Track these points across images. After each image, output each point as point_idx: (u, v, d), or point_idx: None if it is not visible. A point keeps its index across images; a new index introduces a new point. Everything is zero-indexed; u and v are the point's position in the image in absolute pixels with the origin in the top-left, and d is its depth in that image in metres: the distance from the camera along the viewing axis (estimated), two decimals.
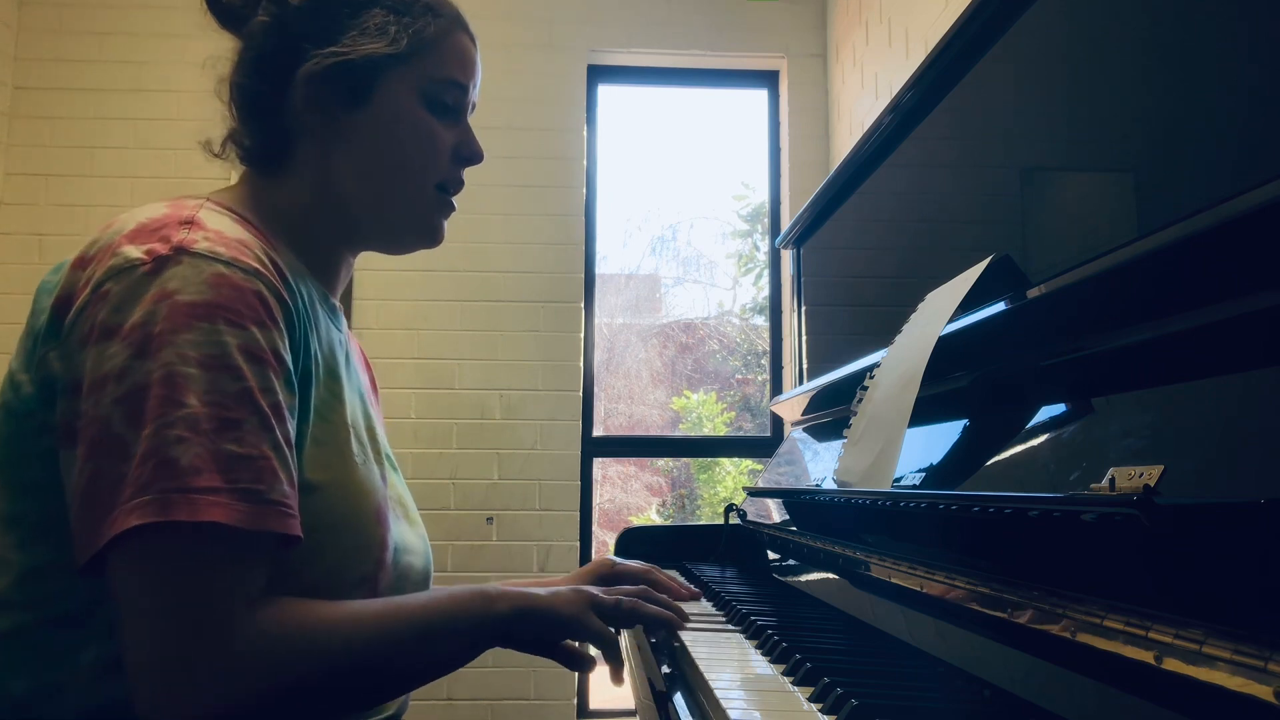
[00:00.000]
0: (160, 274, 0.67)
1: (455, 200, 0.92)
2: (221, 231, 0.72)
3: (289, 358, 0.72)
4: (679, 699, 0.73)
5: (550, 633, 0.83)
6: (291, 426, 0.71)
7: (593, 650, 0.88)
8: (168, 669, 0.61)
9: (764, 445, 3.26)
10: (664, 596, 0.93)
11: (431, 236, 0.91)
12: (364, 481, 0.79)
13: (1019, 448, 0.79)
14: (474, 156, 0.91)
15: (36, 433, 0.69)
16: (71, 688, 0.67)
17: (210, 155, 0.89)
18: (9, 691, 0.67)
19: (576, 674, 2.88)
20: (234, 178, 0.89)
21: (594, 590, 0.86)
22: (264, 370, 0.68)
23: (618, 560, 1.07)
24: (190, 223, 0.71)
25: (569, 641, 0.88)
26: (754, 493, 1.63)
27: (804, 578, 1.24)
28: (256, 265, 0.71)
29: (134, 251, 0.68)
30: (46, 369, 0.69)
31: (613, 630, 0.86)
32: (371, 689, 0.74)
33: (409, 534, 0.87)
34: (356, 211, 0.87)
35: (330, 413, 0.79)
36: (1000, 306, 0.86)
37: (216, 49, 0.87)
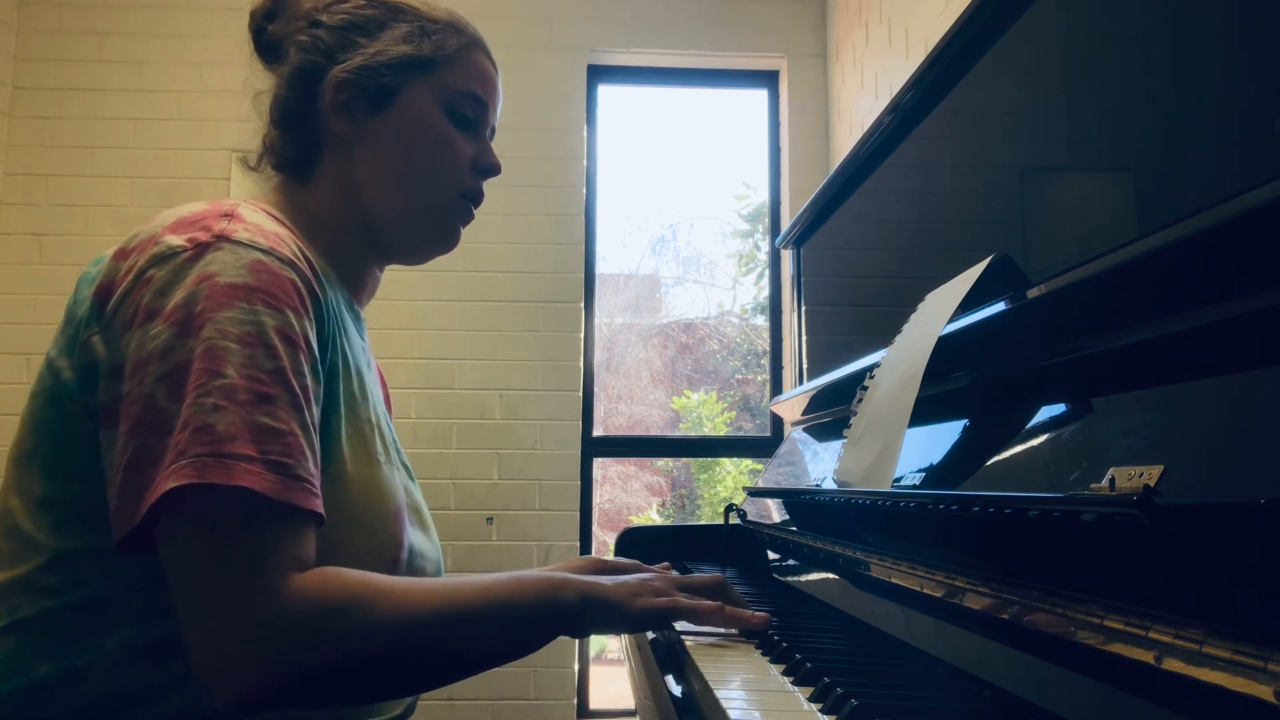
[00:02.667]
0: (201, 258, 0.70)
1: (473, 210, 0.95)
2: (260, 224, 0.75)
3: (318, 347, 0.75)
4: (679, 699, 0.73)
5: (615, 627, 0.83)
6: (316, 412, 0.73)
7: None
8: (218, 636, 0.62)
9: (764, 445, 3.26)
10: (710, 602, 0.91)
11: (447, 241, 0.95)
12: (387, 480, 0.80)
13: (1019, 448, 0.79)
14: (491, 168, 0.94)
15: (78, 417, 0.71)
16: (96, 672, 0.68)
17: (247, 169, 0.93)
18: (34, 674, 0.68)
19: (577, 674, 2.88)
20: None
21: (659, 585, 0.85)
22: (296, 353, 0.71)
23: (608, 559, 1.06)
24: (230, 215, 0.75)
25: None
26: (754, 493, 1.63)
27: (804, 578, 1.24)
28: (292, 256, 0.75)
29: (176, 240, 0.72)
30: (88, 354, 0.71)
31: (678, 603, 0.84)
32: (428, 668, 0.73)
33: (423, 539, 0.87)
34: (378, 216, 0.90)
35: (358, 408, 0.81)
36: (1000, 306, 0.86)
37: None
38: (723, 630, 0.91)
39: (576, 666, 2.89)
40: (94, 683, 0.68)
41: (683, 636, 0.90)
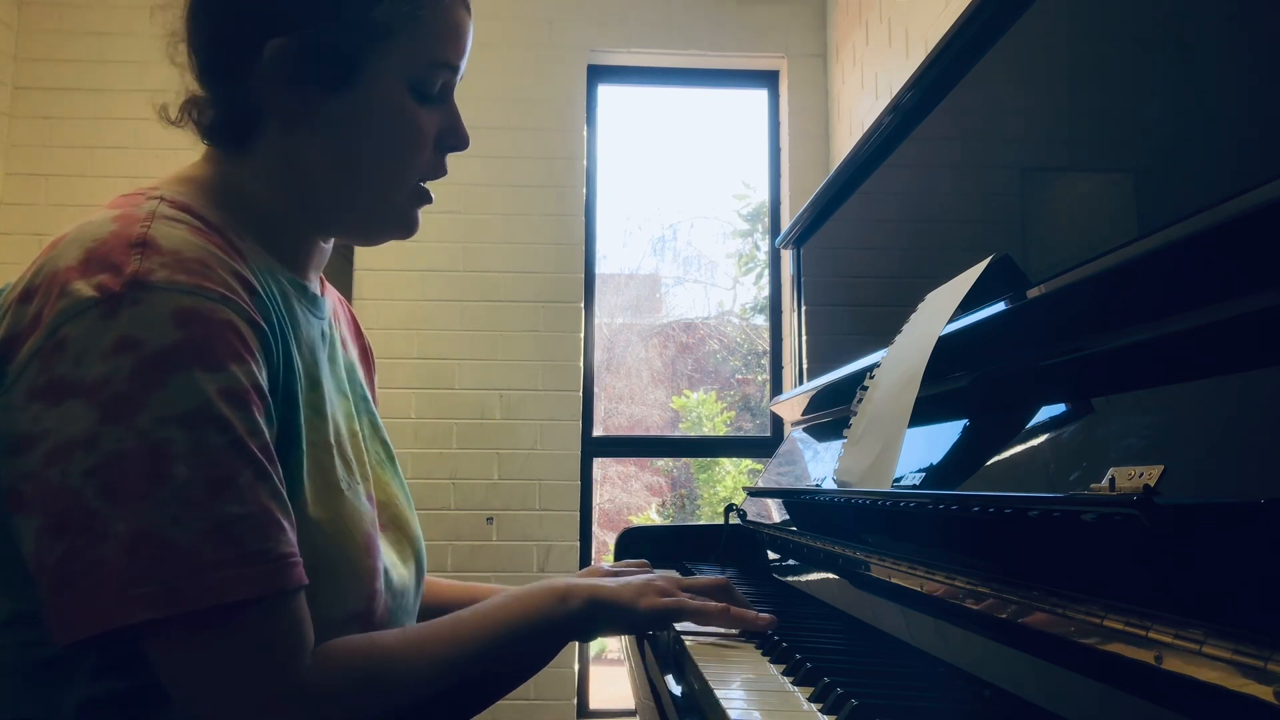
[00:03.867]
0: (117, 315, 0.60)
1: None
2: (178, 251, 0.64)
3: (269, 379, 0.68)
4: (679, 698, 0.73)
5: (621, 628, 0.83)
6: (278, 466, 0.67)
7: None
8: None
9: (764, 445, 3.26)
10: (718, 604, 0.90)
11: (405, 228, 0.83)
12: (352, 512, 0.74)
13: (1019, 448, 0.79)
14: (459, 144, 0.82)
15: None
16: None
17: (167, 123, 0.80)
18: None
19: (577, 674, 2.88)
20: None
21: (663, 585, 0.85)
22: (248, 411, 0.63)
23: (615, 565, 1.06)
24: (142, 245, 0.63)
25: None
26: (754, 493, 1.63)
27: (804, 578, 1.24)
28: (222, 291, 0.64)
29: (85, 289, 0.61)
30: None
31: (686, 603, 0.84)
32: (454, 710, 0.72)
33: (397, 546, 0.83)
34: (325, 200, 0.79)
35: (316, 436, 0.74)
36: (1000, 306, 0.86)
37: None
38: (723, 630, 0.91)
39: (576, 666, 2.89)
40: None
41: (682, 637, 0.90)
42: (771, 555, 1.47)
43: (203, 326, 0.62)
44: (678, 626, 0.93)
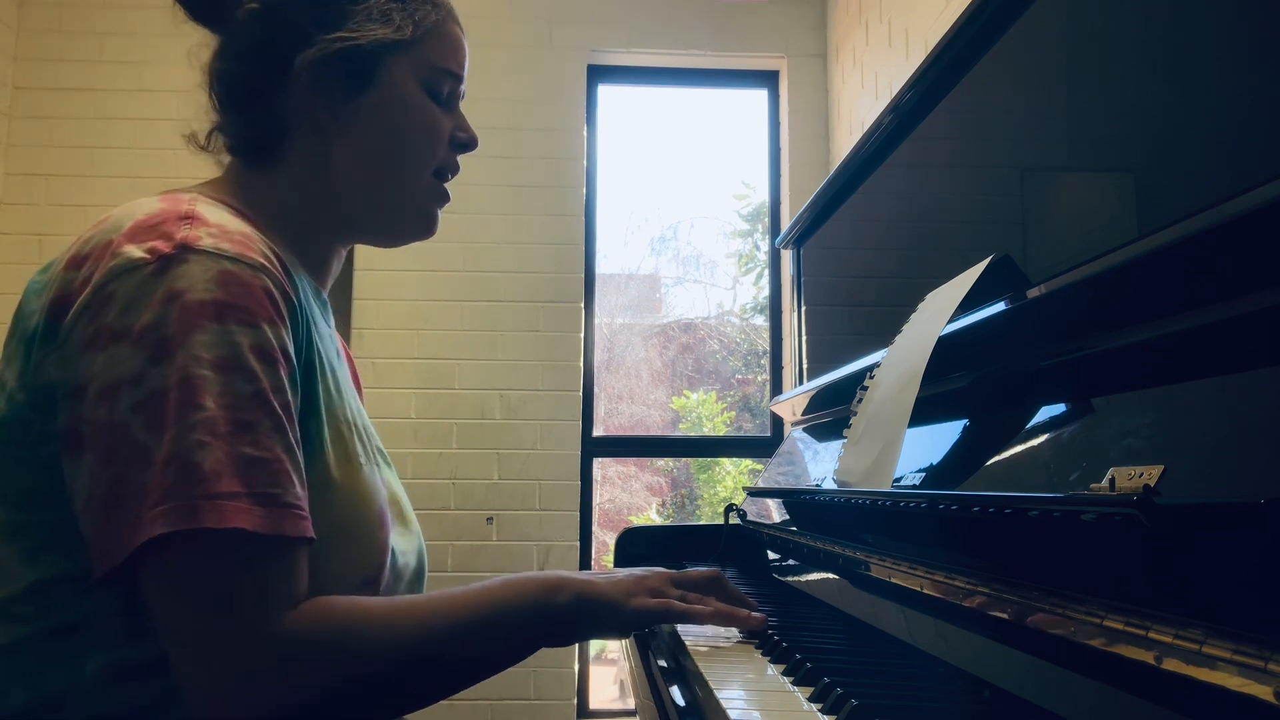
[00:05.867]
0: (167, 273, 0.65)
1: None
2: (224, 225, 0.70)
3: (294, 352, 0.72)
4: (679, 699, 0.73)
5: (610, 627, 0.81)
6: (296, 427, 0.70)
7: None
8: (211, 677, 0.62)
9: (764, 445, 3.26)
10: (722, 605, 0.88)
11: (427, 226, 0.91)
12: (369, 482, 0.78)
13: (1019, 448, 0.79)
14: (471, 142, 0.91)
15: (35, 442, 0.67)
16: (73, 698, 0.66)
17: (196, 149, 0.86)
18: (9, 701, 0.66)
19: (577, 674, 2.88)
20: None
21: (654, 583, 0.83)
22: (275, 369, 0.68)
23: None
24: (190, 217, 0.69)
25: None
26: (754, 493, 1.63)
27: (804, 578, 1.24)
28: (262, 260, 0.70)
29: (136, 251, 0.66)
30: (43, 375, 0.67)
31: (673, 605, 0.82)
32: (423, 687, 0.72)
33: (402, 536, 0.85)
34: (355, 201, 0.85)
35: (336, 409, 0.78)
36: (1000, 306, 0.86)
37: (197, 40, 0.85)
38: (723, 628, 0.91)
39: (576, 666, 2.89)
40: (73, 709, 0.66)
41: (683, 638, 0.90)
42: (771, 555, 1.47)
43: (241, 288, 0.67)
44: (678, 626, 0.93)
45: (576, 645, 2.90)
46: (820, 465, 1.39)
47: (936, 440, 0.97)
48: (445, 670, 0.73)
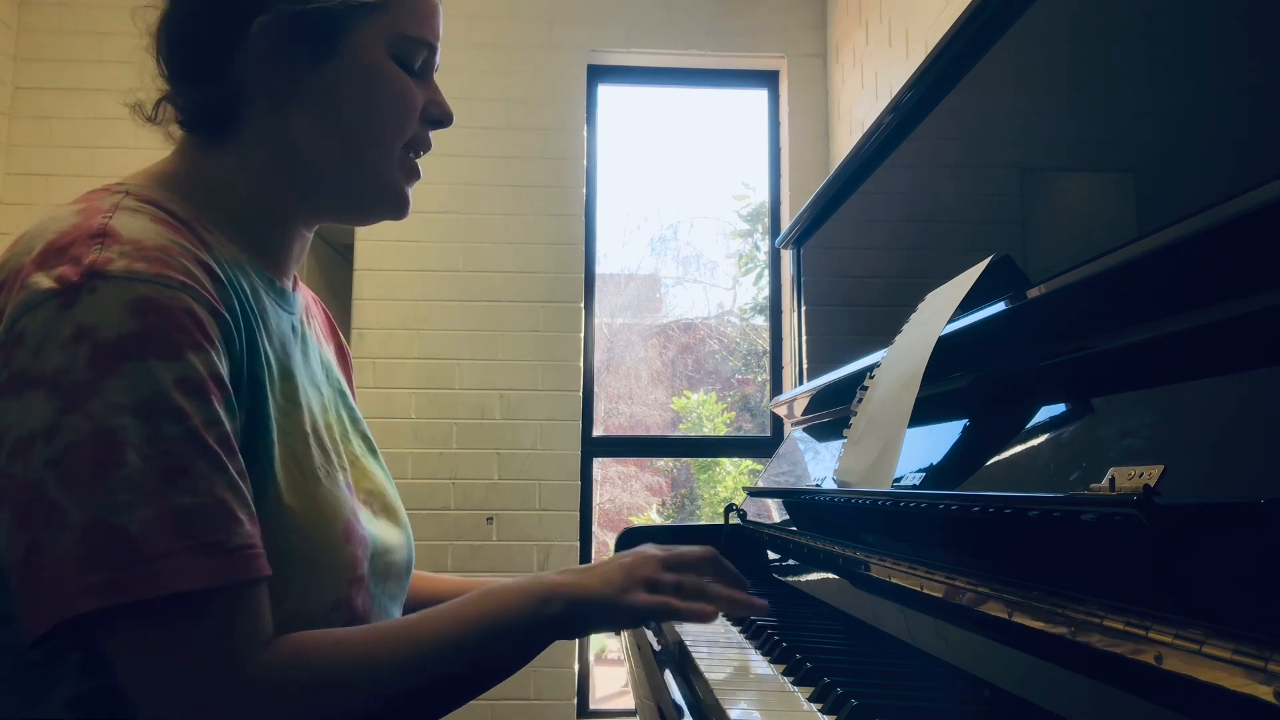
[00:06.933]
0: (74, 306, 0.59)
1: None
2: (139, 240, 0.63)
3: (230, 371, 0.66)
4: (679, 699, 0.73)
5: (606, 627, 0.78)
6: (238, 457, 0.65)
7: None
8: None
9: (764, 445, 3.26)
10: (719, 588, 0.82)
11: (398, 205, 0.82)
12: (329, 499, 0.73)
13: (1019, 448, 0.79)
14: (444, 117, 0.83)
15: None
16: None
17: (143, 120, 0.80)
18: None
19: (576, 674, 2.88)
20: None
21: (647, 572, 0.78)
22: (206, 402, 0.62)
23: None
24: (103, 235, 0.63)
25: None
26: (754, 493, 1.63)
27: (804, 578, 1.24)
28: (182, 278, 0.63)
29: (44, 280, 0.61)
30: None
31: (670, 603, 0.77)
32: (422, 706, 0.69)
33: (388, 531, 0.82)
34: (316, 179, 0.78)
35: (290, 424, 0.73)
36: (1000, 306, 0.86)
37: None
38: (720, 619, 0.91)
39: (576, 666, 2.89)
40: None
41: (683, 638, 0.90)
42: (771, 555, 1.47)
43: (160, 315, 0.61)
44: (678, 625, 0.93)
45: (576, 644, 2.90)
46: (820, 465, 1.39)
47: (936, 440, 0.97)
48: (436, 696, 0.70)
